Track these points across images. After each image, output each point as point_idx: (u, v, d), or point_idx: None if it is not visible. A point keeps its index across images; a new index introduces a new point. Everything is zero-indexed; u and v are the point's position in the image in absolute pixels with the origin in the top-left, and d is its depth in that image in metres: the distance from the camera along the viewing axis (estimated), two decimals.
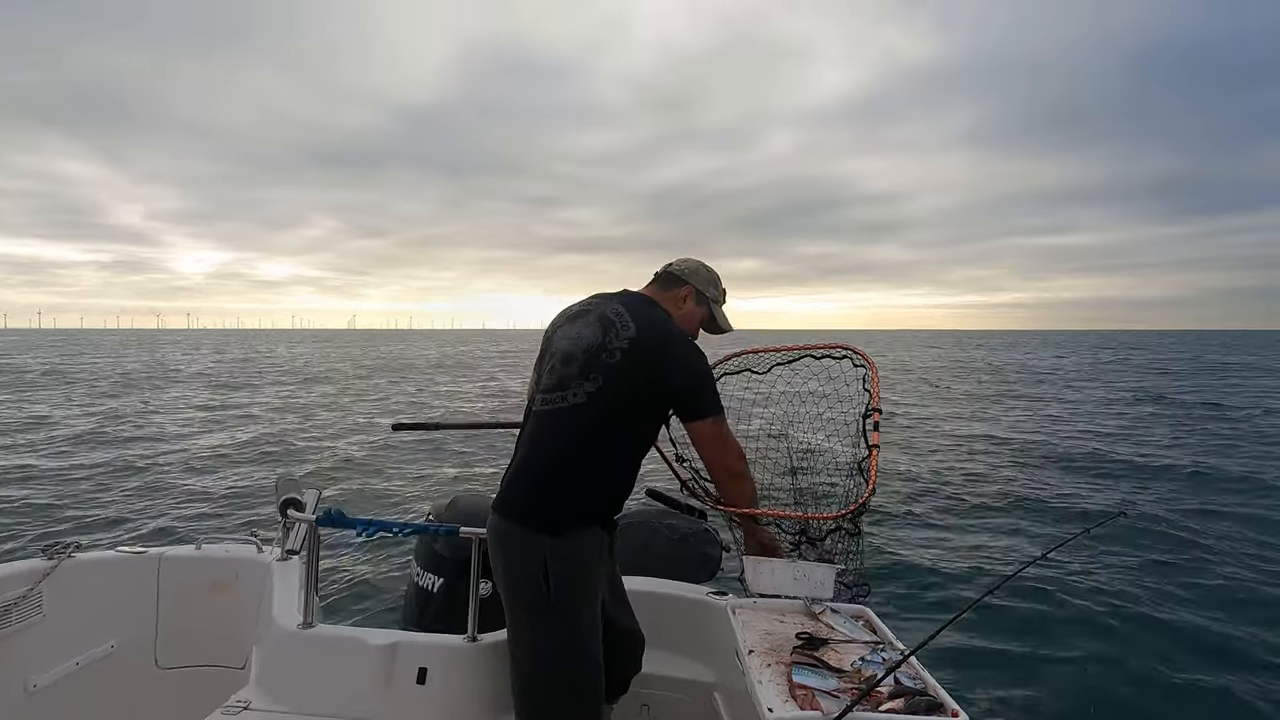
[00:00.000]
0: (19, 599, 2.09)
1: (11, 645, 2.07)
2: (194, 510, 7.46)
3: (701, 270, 2.09)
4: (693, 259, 2.12)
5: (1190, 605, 5.22)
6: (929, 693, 1.44)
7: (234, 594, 2.43)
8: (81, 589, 2.26)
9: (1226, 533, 7.11)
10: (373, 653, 1.96)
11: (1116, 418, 16.26)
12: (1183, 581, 5.69)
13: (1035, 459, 11.13)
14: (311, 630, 2.06)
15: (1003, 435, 13.53)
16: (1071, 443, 12.58)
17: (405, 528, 2.10)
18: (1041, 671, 4.24)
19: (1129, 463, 10.76)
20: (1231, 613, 5.11)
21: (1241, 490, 8.98)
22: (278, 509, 2.21)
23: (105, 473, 9.26)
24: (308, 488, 2.30)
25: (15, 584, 2.11)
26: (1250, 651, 4.51)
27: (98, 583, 2.31)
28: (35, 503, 7.61)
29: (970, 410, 18.10)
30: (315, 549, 2.13)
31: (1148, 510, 7.80)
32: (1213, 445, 12.51)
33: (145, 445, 11.50)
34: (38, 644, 2.14)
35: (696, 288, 2.05)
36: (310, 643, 2.04)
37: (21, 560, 2.23)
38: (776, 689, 1.49)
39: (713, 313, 2.09)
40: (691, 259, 2.12)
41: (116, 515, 7.20)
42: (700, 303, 2.07)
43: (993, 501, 8.29)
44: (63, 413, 15.73)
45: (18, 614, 2.09)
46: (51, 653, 2.18)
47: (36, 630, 2.14)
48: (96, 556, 2.35)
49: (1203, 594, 5.47)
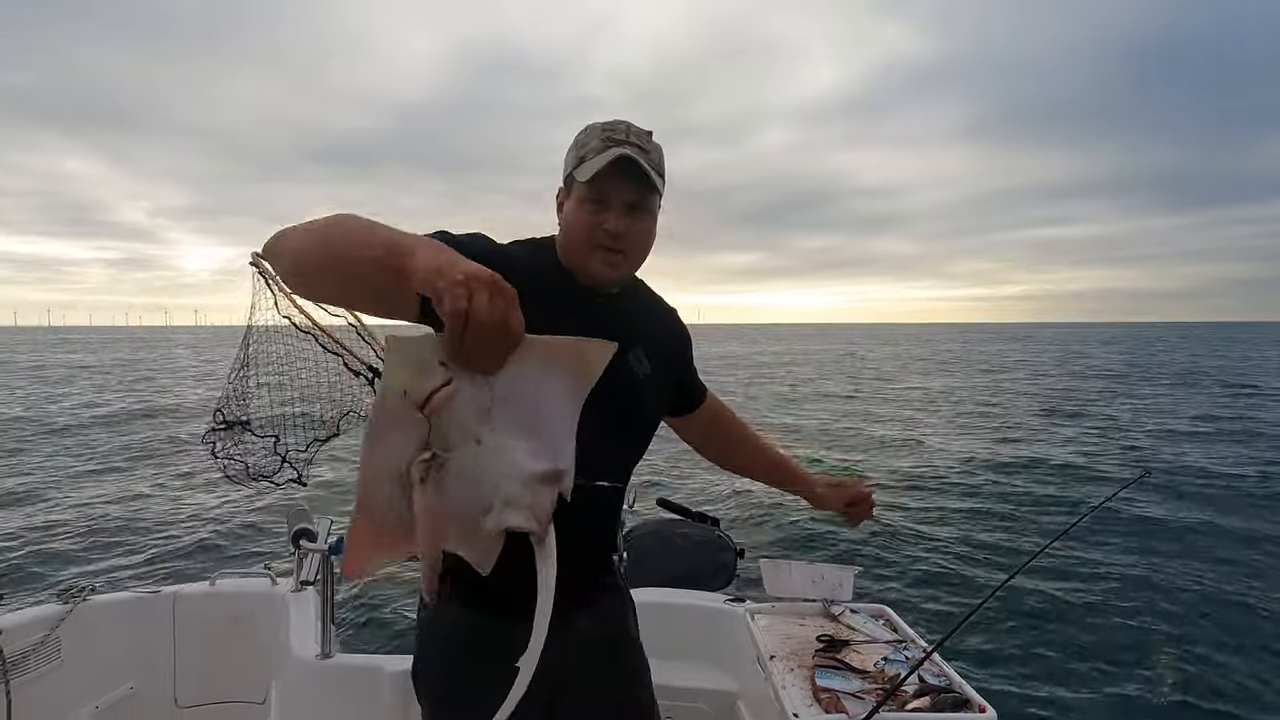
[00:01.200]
0: (37, 645, 2.09)
1: (31, 692, 2.07)
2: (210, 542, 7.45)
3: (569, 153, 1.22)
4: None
5: (1222, 575, 5.14)
6: (955, 689, 1.43)
7: (250, 628, 2.42)
8: (98, 632, 2.26)
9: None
10: (392, 680, 1.96)
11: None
12: (1211, 546, 5.60)
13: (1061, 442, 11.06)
14: (330, 660, 2.05)
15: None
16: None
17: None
18: (1069, 658, 4.19)
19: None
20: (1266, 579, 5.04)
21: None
22: (290, 541, 2.21)
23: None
24: (319, 516, 2.30)
25: (32, 630, 2.11)
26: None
27: (114, 624, 2.31)
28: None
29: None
30: (330, 578, 2.13)
31: (1172, 472, 7.72)
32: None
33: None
34: (57, 690, 2.14)
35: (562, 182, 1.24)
36: (329, 673, 2.03)
37: (37, 606, 2.23)
38: (801, 693, 1.48)
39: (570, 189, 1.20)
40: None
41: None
42: (564, 195, 1.23)
43: (1008, 488, 8.24)
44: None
45: (35, 660, 2.09)
46: (71, 698, 2.17)
47: (55, 676, 2.14)
48: (111, 598, 2.35)
49: (1231, 562, 5.39)
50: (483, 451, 0.81)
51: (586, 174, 1.13)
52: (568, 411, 0.86)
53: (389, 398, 0.78)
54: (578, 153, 1.18)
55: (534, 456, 0.83)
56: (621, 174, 1.13)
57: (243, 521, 8.51)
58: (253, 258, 2.14)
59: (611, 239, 1.14)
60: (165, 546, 7.54)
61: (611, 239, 1.14)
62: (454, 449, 0.80)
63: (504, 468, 0.81)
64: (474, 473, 0.81)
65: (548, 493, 0.83)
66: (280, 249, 0.97)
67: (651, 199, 1.19)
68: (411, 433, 0.79)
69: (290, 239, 0.95)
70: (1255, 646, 4.24)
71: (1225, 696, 3.77)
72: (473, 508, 0.81)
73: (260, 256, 0.94)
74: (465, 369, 0.79)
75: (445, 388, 0.78)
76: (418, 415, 0.78)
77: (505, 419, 0.81)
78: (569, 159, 1.21)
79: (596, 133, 1.17)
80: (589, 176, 1.13)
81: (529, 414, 0.83)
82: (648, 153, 1.17)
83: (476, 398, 0.80)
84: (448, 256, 0.79)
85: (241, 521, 8.50)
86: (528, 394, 0.83)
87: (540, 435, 0.84)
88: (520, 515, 0.82)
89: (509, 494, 0.81)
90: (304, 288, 1.02)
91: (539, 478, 0.83)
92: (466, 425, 0.80)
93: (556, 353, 0.84)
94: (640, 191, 1.16)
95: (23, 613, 2.17)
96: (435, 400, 0.78)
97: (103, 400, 22.01)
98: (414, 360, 0.78)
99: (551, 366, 0.84)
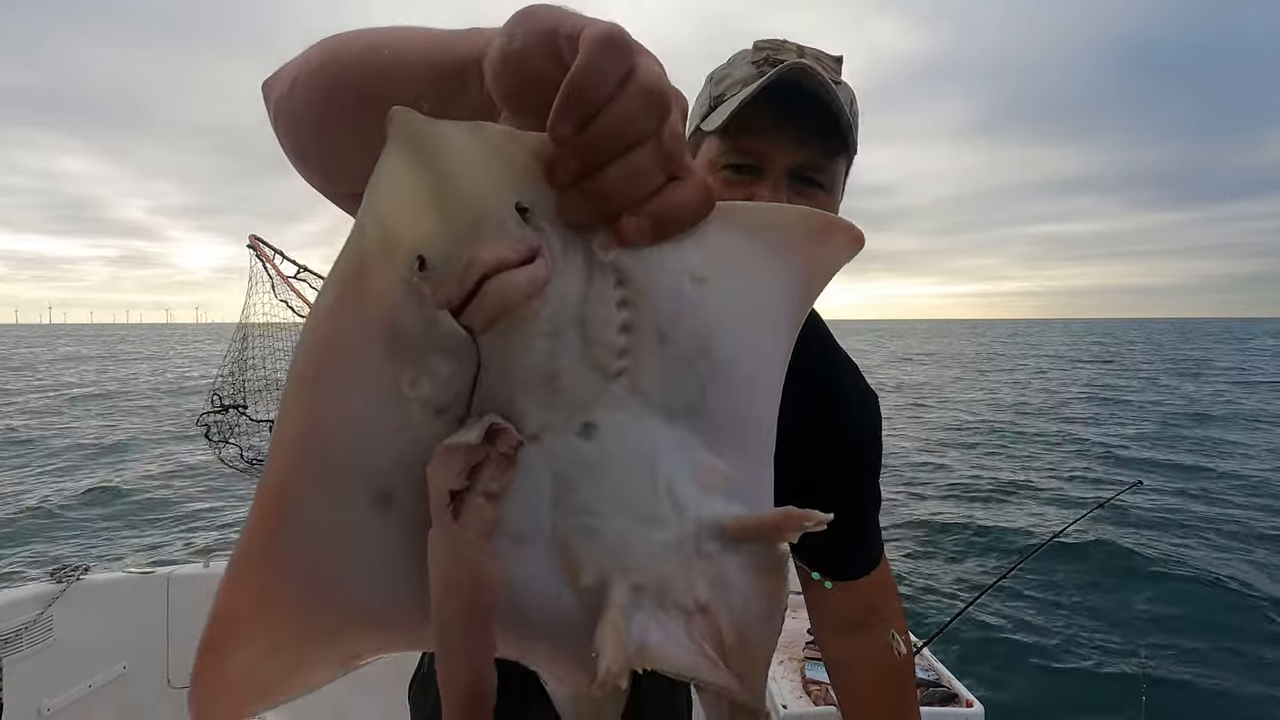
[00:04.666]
0: (29, 624, 2.09)
1: (23, 670, 2.07)
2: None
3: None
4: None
5: (1209, 579, 5.19)
6: (944, 684, 1.44)
7: None
8: (91, 611, 2.26)
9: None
10: (385, 662, 1.96)
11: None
12: (1199, 552, 5.65)
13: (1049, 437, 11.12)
14: None
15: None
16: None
17: None
18: (1057, 655, 4.22)
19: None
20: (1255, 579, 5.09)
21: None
22: None
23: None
24: None
25: (24, 609, 2.11)
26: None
27: (107, 604, 2.31)
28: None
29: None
30: None
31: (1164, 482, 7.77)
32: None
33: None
34: (49, 668, 2.14)
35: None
36: None
37: (29, 584, 2.23)
38: (790, 685, 1.50)
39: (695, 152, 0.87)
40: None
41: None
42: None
43: (1002, 484, 8.28)
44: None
45: (28, 638, 2.09)
46: (64, 676, 2.18)
47: (48, 654, 2.14)
48: (105, 578, 2.35)
49: (1222, 563, 5.44)
50: (595, 448, 0.36)
51: (720, 119, 0.69)
52: (775, 369, 0.42)
53: (377, 270, 0.33)
54: (711, 92, 0.76)
55: (719, 480, 0.39)
56: (787, 112, 0.67)
57: (236, 503, 8.51)
58: (250, 239, 2.13)
59: None
60: (159, 527, 7.56)
61: None
62: (532, 428, 0.35)
63: (647, 497, 0.37)
64: (578, 497, 0.36)
65: (742, 568, 0.38)
66: (277, 74, 0.56)
67: (834, 164, 0.73)
68: (426, 371, 0.34)
69: (290, 62, 0.56)
70: (1238, 646, 4.28)
71: (1204, 690, 3.80)
72: (559, 596, 0.37)
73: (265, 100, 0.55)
74: (579, 227, 0.35)
75: (525, 266, 0.33)
76: (447, 326, 0.33)
77: (659, 369, 0.37)
78: (695, 109, 0.78)
79: (745, 56, 0.74)
80: (722, 121, 0.69)
81: (710, 368, 0.38)
82: (837, 85, 0.69)
83: (594, 304, 0.35)
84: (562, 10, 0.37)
85: (235, 503, 8.51)
86: (714, 321, 0.38)
87: (730, 426, 0.40)
88: (675, 628, 0.37)
89: (656, 569, 0.37)
90: (297, 125, 0.55)
91: (729, 531, 0.38)
92: (571, 373, 0.35)
93: (776, 233, 0.41)
94: (819, 147, 0.70)
95: (15, 591, 2.17)
96: (493, 292, 0.33)
97: (90, 381, 21.99)
98: (468, 180, 0.33)
99: (768, 264, 0.41)
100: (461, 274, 0.32)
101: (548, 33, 0.35)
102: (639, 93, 0.33)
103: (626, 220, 0.34)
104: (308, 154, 0.56)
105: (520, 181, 0.33)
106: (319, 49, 0.51)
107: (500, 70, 0.37)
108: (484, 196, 0.32)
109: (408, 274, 0.32)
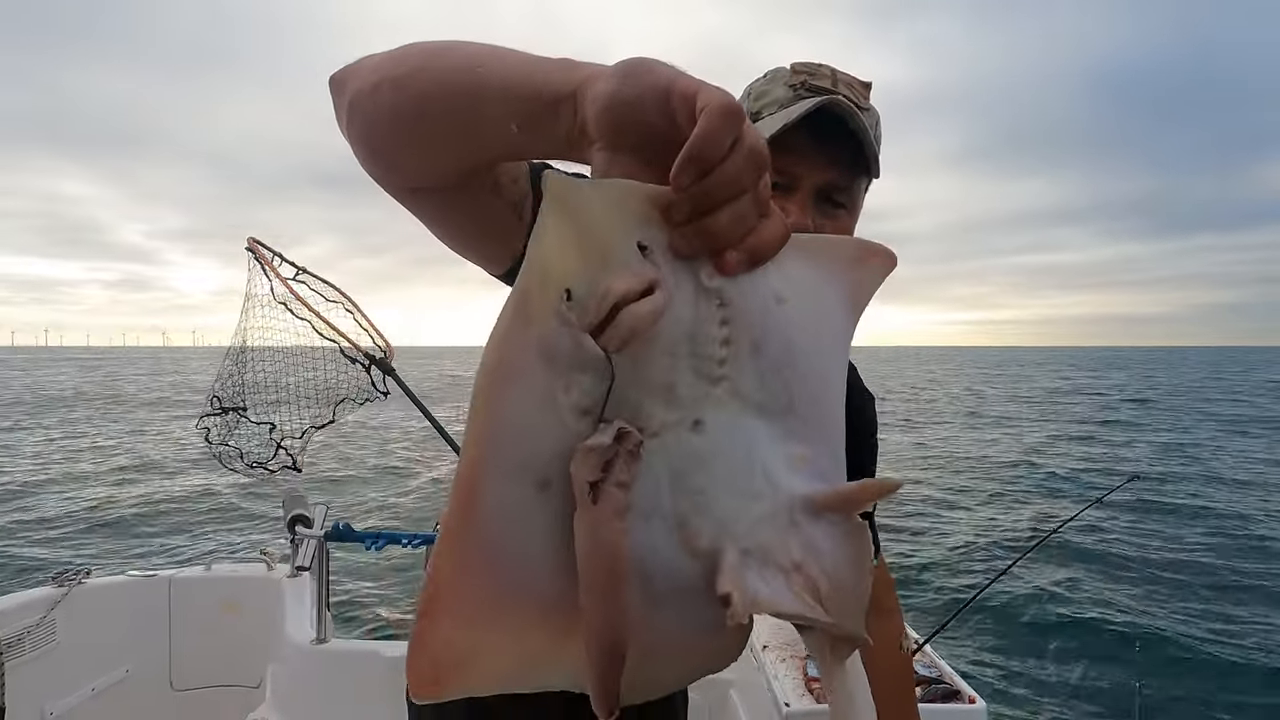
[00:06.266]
0: (31, 627, 2.09)
1: (27, 674, 2.07)
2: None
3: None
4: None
5: (1204, 570, 5.21)
6: (945, 680, 1.45)
7: (245, 613, 2.43)
8: (94, 615, 2.26)
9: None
10: (388, 665, 1.96)
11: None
12: (1197, 546, 5.67)
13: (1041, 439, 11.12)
14: (325, 645, 2.06)
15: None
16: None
17: (415, 538, 2.10)
18: (1057, 652, 4.23)
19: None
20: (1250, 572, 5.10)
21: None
22: (285, 526, 2.21)
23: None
24: (315, 503, 2.30)
25: (27, 613, 2.11)
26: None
27: (110, 608, 2.31)
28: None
29: None
30: (325, 564, 2.13)
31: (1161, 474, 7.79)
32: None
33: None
34: (53, 672, 2.14)
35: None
36: (325, 658, 2.04)
37: (33, 589, 2.23)
38: (792, 683, 1.50)
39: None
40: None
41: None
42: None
43: (1002, 482, 8.29)
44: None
45: (31, 642, 2.09)
46: (67, 680, 2.18)
47: (51, 658, 2.14)
48: (107, 581, 2.35)
49: (1217, 554, 5.46)
50: (704, 441, 0.45)
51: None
52: (840, 372, 0.52)
53: (536, 303, 0.41)
54: (749, 107, 0.81)
55: (804, 463, 0.48)
56: (821, 138, 0.76)
57: (238, 507, 8.52)
58: (249, 242, 2.12)
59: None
60: (161, 531, 7.56)
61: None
62: (654, 427, 0.44)
63: (747, 478, 0.46)
64: (691, 481, 0.45)
65: (828, 534, 0.47)
66: (356, 69, 0.57)
67: (857, 185, 0.82)
68: (574, 382, 0.42)
69: (373, 60, 0.57)
70: (1238, 642, 4.28)
71: (1202, 687, 3.81)
72: (679, 561, 0.45)
73: (331, 92, 0.58)
74: (688, 258, 0.42)
75: (648, 297, 0.41)
76: (589, 347, 0.41)
77: (754, 375, 0.46)
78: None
79: (783, 77, 0.81)
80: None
81: (793, 373, 0.48)
82: (865, 111, 0.79)
83: (701, 323, 0.43)
84: (674, 69, 0.43)
85: (237, 507, 8.51)
86: (794, 334, 0.47)
87: (810, 419, 0.49)
88: (778, 582, 0.46)
89: (758, 536, 0.46)
90: (376, 125, 0.58)
91: (817, 504, 0.48)
92: (684, 381, 0.44)
93: (830, 260, 0.51)
94: (846, 169, 0.79)
95: (18, 595, 2.17)
96: (625, 321, 0.41)
97: (96, 382, 21.99)
98: (599, 227, 0.41)
99: (827, 286, 0.50)
100: (599, 302, 0.40)
101: (662, 90, 0.42)
102: (746, 154, 0.40)
103: (730, 254, 0.42)
104: (379, 150, 0.60)
105: (640, 224, 0.41)
106: (410, 55, 0.55)
107: (609, 113, 0.44)
108: (613, 239, 0.41)
109: (559, 304, 0.41)
